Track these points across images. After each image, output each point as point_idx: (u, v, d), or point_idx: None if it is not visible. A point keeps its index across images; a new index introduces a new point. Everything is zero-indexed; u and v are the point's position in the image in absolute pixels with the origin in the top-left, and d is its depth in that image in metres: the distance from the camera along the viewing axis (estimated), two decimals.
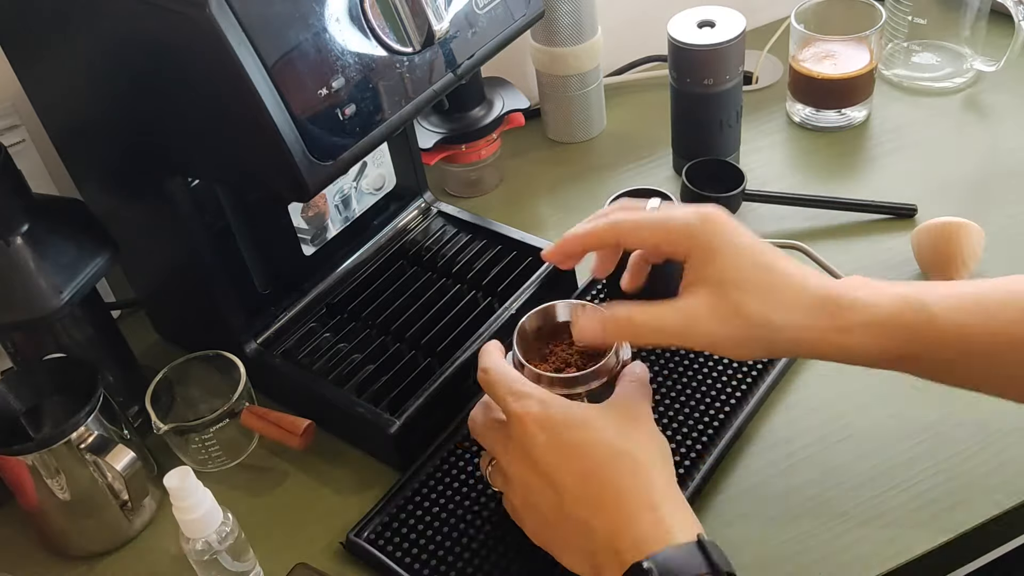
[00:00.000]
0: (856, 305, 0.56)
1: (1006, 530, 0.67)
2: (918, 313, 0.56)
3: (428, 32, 0.64)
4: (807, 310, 0.56)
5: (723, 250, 0.57)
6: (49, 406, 0.71)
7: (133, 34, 0.60)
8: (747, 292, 0.56)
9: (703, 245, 0.58)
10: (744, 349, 0.58)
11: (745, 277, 0.57)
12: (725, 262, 0.57)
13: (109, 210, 0.77)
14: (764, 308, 0.56)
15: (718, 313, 0.56)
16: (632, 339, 0.60)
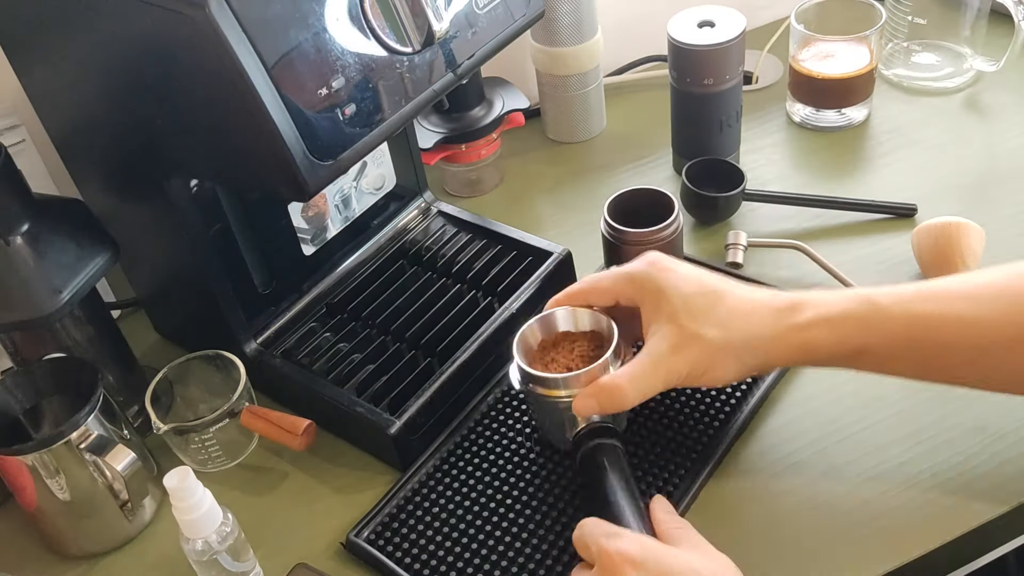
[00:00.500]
0: (808, 303, 0.61)
1: (1006, 530, 0.67)
2: (867, 305, 0.60)
3: (428, 32, 0.64)
4: (763, 319, 0.61)
5: (668, 288, 0.62)
6: (49, 406, 0.71)
7: (133, 34, 0.60)
8: (700, 319, 0.61)
9: (650, 289, 0.63)
10: (719, 373, 0.62)
11: (694, 305, 0.61)
12: (673, 298, 0.62)
13: (109, 210, 0.77)
14: (721, 329, 0.61)
15: (682, 348, 0.61)
16: (626, 406, 0.62)
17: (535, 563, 0.65)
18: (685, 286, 0.62)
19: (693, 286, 0.62)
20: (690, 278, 0.63)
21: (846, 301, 0.61)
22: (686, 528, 0.59)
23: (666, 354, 0.61)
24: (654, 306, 0.63)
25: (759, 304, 0.62)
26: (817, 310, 0.61)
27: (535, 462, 0.71)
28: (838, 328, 0.60)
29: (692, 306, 0.61)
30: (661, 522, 0.59)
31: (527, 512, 0.68)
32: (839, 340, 0.60)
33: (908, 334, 0.59)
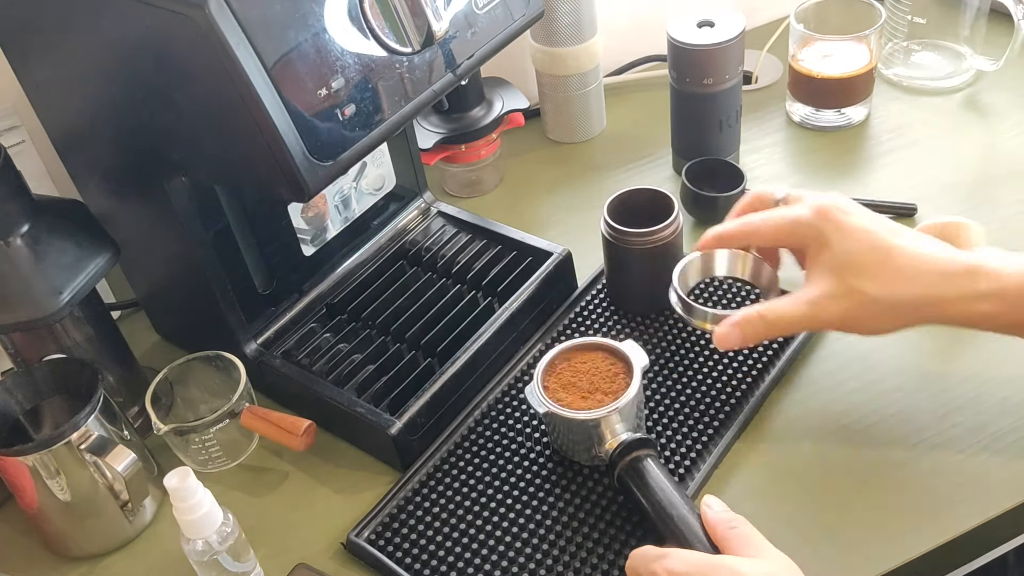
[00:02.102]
0: (984, 272, 0.59)
1: (1006, 530, 0.67)
2: None
3: (428, 32, 0.64)
4: (932, 281, 0.60)
5: (834, 239, 0.61)
6: (49, 406, 0.71)
7: (133, 35, 0.60)
8: (863, 275, 0.60)
9: (815, 237, 0.62)
10: (874, 325, 0.62)
11: (859, 262, 0.60)
12: (838, 249, 0.61)
13: (109, 210, 0.77)
14: (884, 287, 0.60)
15: (839, 297, 0.60)
16: (767, 335, 0.63)
17: (535, 563, 0.65)
18: (852, 242, 0.61)
19: (861, 242, 0.61)
20: (859, 232, 0.61)
21: (1021, 273, 0.58)
22: (742, 526, 0.57)
23: (823, 302, 0.61)
24: (816, 254, 0.62)
25: (931, 264, 0.60)
26: (993, 283, 0.58)
27: (535, 462, 0.71)
28: (1014, 305, 0.58)
29: (857, 262, 0.60)
30: (716, 524, 0.57)
31: (527, 512, 0.68)
32: (1013, 317, 0.59)
33: None
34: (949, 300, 0.59)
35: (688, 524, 0.59)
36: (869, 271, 0.60)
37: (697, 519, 0.59)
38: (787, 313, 0.62)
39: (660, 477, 0.62)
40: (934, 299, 0.60)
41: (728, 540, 0.56)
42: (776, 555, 0.55)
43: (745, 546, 0.55)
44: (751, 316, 0.63)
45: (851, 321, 0.61)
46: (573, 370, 0.70)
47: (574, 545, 0.66)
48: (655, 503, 0.61)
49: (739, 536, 0.56)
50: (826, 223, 0.62)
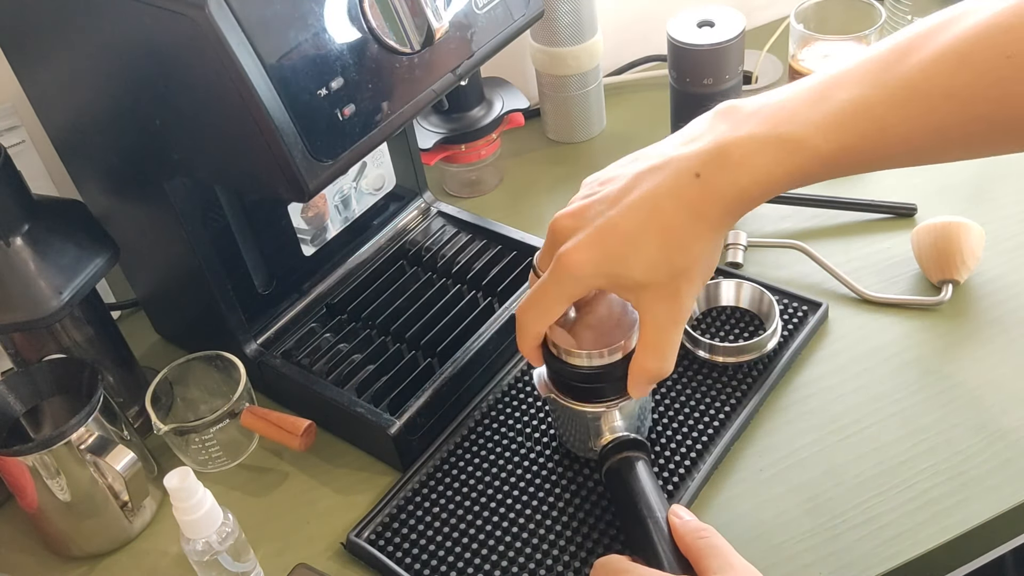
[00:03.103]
0: (737, 184, 0.55)
1: (1006, 530, 0.67)
2: (799, 155, 0.54)
3: (427, 32, 0.64)
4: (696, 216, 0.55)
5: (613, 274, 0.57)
6: (49, 407, 0.71)
7: (132, 34, 0.60)
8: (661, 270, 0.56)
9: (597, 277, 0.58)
10: (700, 277, 0.58)
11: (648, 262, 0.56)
12: (628, 274, 0.56)
13: (109, 210, 0.77)
14: (667, 263, 0.56)
15: (671, 297, 0.57)
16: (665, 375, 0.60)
17: (535, 563, 0.65)
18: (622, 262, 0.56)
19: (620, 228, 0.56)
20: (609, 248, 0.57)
21: (774, 156, 0.54)
22: (711, 536, 0.56)
23: (662, 312, 0.57)
24: (616, 288, 0.59)
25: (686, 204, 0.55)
26: (747, 186, 0.54)
27: (535, 462, 0.71)
28: (773, 186, 0.54)
29: (646, 263, 0.56)
30: (684, 534, 0.57)
31: (527, 512, 0.68)
32: (775, 190, 0.55)
33: (844, 160, 0.54)
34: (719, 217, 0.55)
35: (660, 532, 0.58)
36: (643, 257, 0.56)
37: None
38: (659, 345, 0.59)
39: (645, 481, 0.62)
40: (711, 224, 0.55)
41: (696, 550, 0.56)
42: (743, 566, 0.54)
43: (713, 556, 0.55)
44: (637, 372, 0.60)
45: (694, 288, 0.57)
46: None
47: (574, 545, 0.66)
48: (631, 505, 0.61)
49: (707, 546, 0.56)
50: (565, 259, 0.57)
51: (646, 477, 0.62)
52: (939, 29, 0.52)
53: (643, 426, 0.70)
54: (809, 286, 0.82)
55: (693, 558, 0.56)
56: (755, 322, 0.79)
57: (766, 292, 0.79)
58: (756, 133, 0.55)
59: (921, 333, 0.77)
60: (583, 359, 0.63)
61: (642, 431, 0.70)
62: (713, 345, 0.75)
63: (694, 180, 0.55)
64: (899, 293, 0.81)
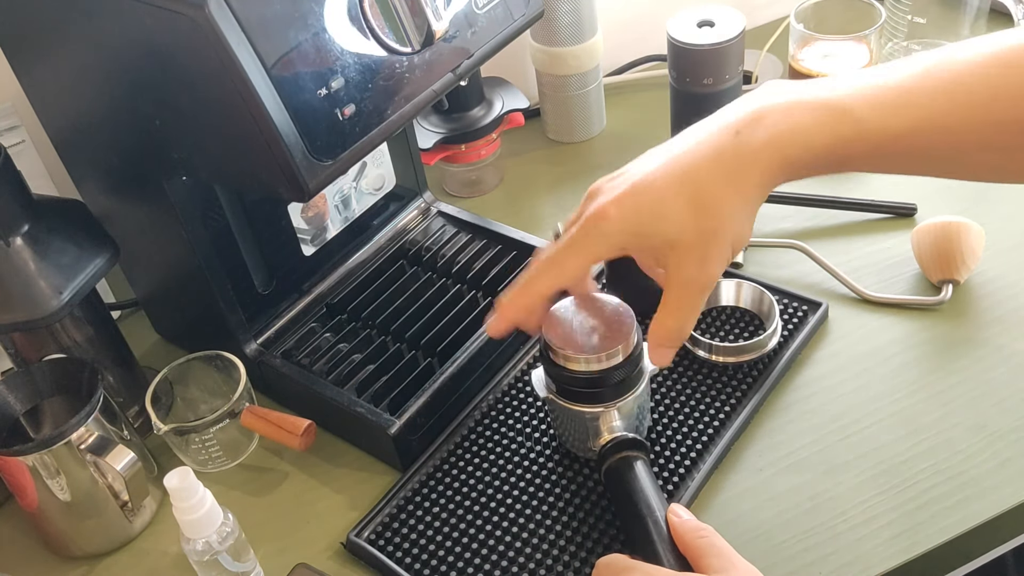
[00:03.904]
0: (777, 137, 0.54)
1: (1006, 530, 0.67)
2: (844, 123, 0.54)
3: (427, 32, 0.64)
4: (731, 172, 0.55)
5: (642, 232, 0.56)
6: (49, 406, 0.71)
7: (132, 34, 0.60)
8: (680, 223, 0.55)
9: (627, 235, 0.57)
10: (729, 243, 0.56)
11: (667, 214, 0.55)
12: (657, 233, 0.56)
13: (109, 210, 0.77)
14: (706, 221, 0.55)
15: (694, 260, 0.56)
16: (686, 336, 0.59)
17: (535, 563, 0.65)
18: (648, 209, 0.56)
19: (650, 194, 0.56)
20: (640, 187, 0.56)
21: (817, 120, 0.54)
22: (710, 535, 0.56)
23: (691, 274, 0.56)
24: (643, 250, 0.58)
25: (722, 162, 0.55)
26: (786, 144, 0.54)
27: (535, 462, 0.71)
28: (811, 153, 0.54)
29: (677, 231, 0.55)
30: (683, 533, 0.57)
31: (527, 512, 0.68)
32: (813, 163, 0.54)
33: (891, 146, 0.54)
34: (759, 184, 0.54)
35: (659, 531, 0.58)
36: (678, 217, 0.55)
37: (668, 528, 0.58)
38: (681, 307, 0.57)
39: (645, 480, 0.62)
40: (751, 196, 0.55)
41: (695, 549, 0.56)
42: (744, 566, 0.54)
43: (712, 555, 0.55)
44: (659, 334, 0.58)
45: (723, 254, 0.56)
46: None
47: (574, 545, 0.66)
48: (631, 504, 0.61)
49: (707, 545, 0.55)
50: (597, 212, 0.56)
51: (645, 477, 0.62)
52: (987, 41, 0.54)
53: (642, 426, 0.70)
54: (809, 286, 0.82)
55: (692, 557, 0.56)
56: (755, 322, 0.79)
57: (766, 292, 0.79)
58: (801, 98, 0.54)
59: (921, 333, 0.77)
60: (581, 364, 0.63)
61: (641, 431, 0.70)
62: (713, 345, 0.75)
63: (733, 138, 0.54)
64: (899, 293, 0.81)
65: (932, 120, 0.53)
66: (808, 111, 0.54)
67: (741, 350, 0.75)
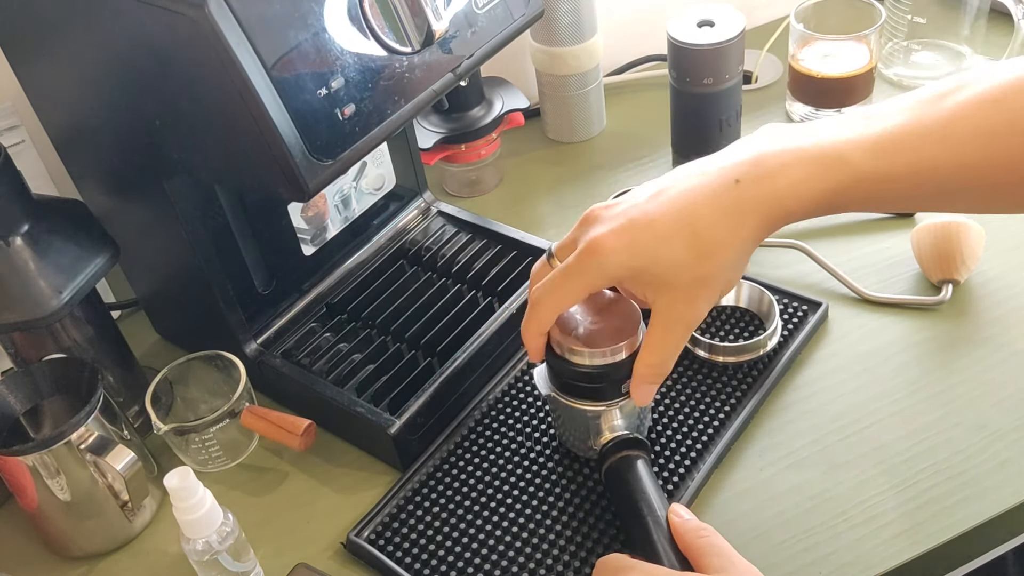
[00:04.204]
0: (775, 191, 0.55)
1: (1006, 530, 0.67)
2: (840, 171, 0.55)
3: (427, 32, 0.64)
4: (732, 224, 0.56)
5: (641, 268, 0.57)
6: (49, 406, 0.71)
7: (132, 34, 0.60)
8: (680, 255, 0.56)
9: (621, 268, 0.57)
10: (722, 291, 0.58)
11: (667, 256, 0.56)
12: (652, 272, 0.56)
13: (109, 210, 0.77)
14: (703, 267, 0.56)
15: (683, 302, 0.57)
16: (665, 376, 0.61)
17: (535, 563, 0.65)
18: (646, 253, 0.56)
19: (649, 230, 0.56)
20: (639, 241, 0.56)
21: (815, 170, 0.55)
22: (711, 535, 0.56)
23: (679, 313, 0.57)
24: (636, 284, 0.59)
25: (722, 209, 0.56)
26: (784, 196, 0.55)
27: (535, 462, 0.71)
28: (808, 202, 0.55)
29: (673, 262, 0.56)
30: (684, 533, 0.57)
31: (527, 512, 0.68)
32: (810, 210, 0.56)
33: (884, 188, 0.56)
34: (757, 227, 0.56)
35: (660, 531, 0.58)
36: (678, 264, 0.56)
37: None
38: (667, 352, 0.59)
39: (645, 479, 0.62)
40: (743, 236, 0.56)
41: (696, 549, 0.56)
42: (744, 566, 0.54)
43: (713, 555, 0.55)
44: (643, 373, 0.60)
45: (712, 297, 0.58)
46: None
47: (574, 545, 0.66)
48: (632, 504, 0.61)
49: (707, 545, 0.56)
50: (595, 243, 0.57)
51: (646, 476, 0.62)
52: (976, 80, 0.55)
53: (643, 425, 0.70)
54: (809, 286, 0.82)
55: (693, 557, 0.56)
56: (755, 322, 0.79)
57: (766, 292, 0.79)
58: (797, 146, 0.56)
59: (921, 333, 0.77)
60: (585, 358, 0.63)
61: (642, 430, 0.70)
62: (713, 345, 0.75)
63: (733, 186, 0.56)
64: (899, 293, 0.81)
65: (923, 163, 0.54)
66: (806, 161, 0.55)
67: (741, 350, 0.75)
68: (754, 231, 0.56)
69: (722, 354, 0.75)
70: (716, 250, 0.56)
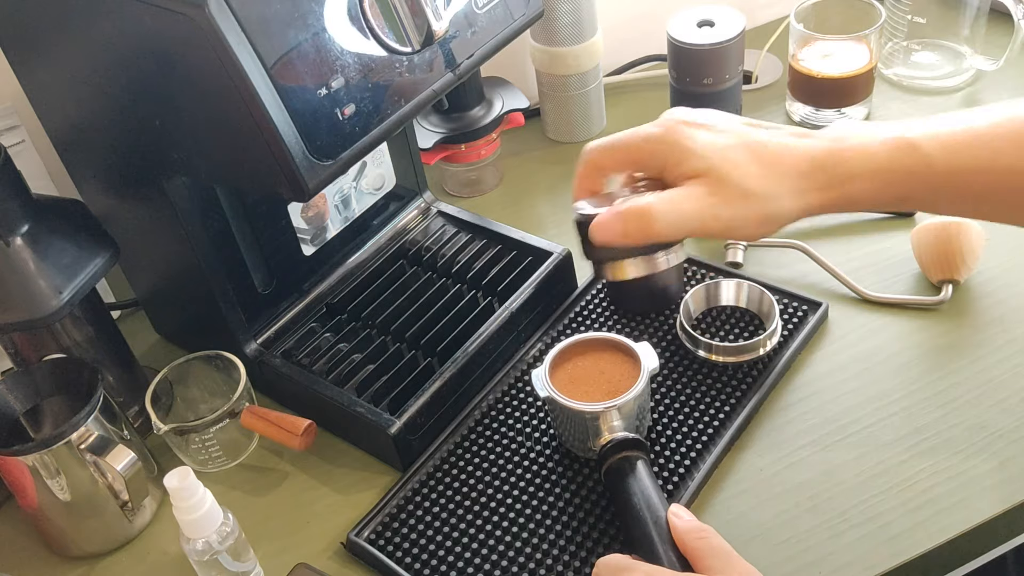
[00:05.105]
0: (850, 158, 0.57)
1: (1005, 529, 0.67)
2: (910, 154, 0.57)
3: (427, 32, 0.64)
4: (804, 173, 0.57)
5: (699, 143, 0.57)
6: (49, 406, 0.71)
7: (132, 34, 0.60)
8: (742, 170, 0.56)
9: (676, 146, 0.57)
10: (755, 227, 0.58)
11: (734, 157, 0.57)
12: (707, 152, 0.57)
13: (109, 210, 0.77)
14: (764, 181, 0.56)
15: (724, 196, 0.56)
16: (653, 237, 0.56)
17: (535, 563, 0.65)
18: (721, 139, 0.57)
19: (721, 140, 0.57)
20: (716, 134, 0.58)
21: (887, 150, 0.57)
22: (711, 536, 0.56)
23: (704, 195, 0.56)
24: (684, 161, 0.57)
25: (801, 156, 0.57)
26: (859, 164, 0.57)
27: (535, 462, 0.71)
28: (878, 180, 0.57)
29: (734, 160, 0.56)
30: (684, 534, 0.57)
31: (527, 512, 0.68)
32: (878, 192, 0.58)
33: (953, 183, 0.57)
34: (819, 187, 0.57)
35: (660, 531, 0.58)
36: (746, 166, 0.56)
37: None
38: (671, 201, 0.56)
39: (645, 480, 0.62)
40: (809, 188, 0.57)
41: (696, 550, 0.56)
42: (743, 567, 0.54)
43: (713, 556, 0.55)
44: (635, 208, 0.56)
45: (735, 223, 0.57)
46: (584, 367, 0.70)
47: (574, 545, 0.66)
48: (632, 505, 0.61)
49: (707, 546, 0.56)
50: (682, 134, 0.58)
51: (645, 476, 0.62)
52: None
53: (642, 426, 0.70)
54: (809, 286, 0.82)
55: (693, 558, 0.56)
56: (755, 322, 0.80)
57: (766, 292, 0.79)
58: (874, 130, 0.58)
59: (921, 333, 0.77)
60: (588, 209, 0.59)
61: (641, 431, 0.70)
62: (713, 345, 0.76)
63: (809, 148, 0.57)
64: (899, 293, 0.81)
65: (996, 162, 0.56)
66: (878, 140, 0.57)
67: (741, 350, 0.75)
68: (818, 195, 0.57)
69: (722, 354, 0.75)
70: (779, 192, 0.56)
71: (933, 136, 0.57)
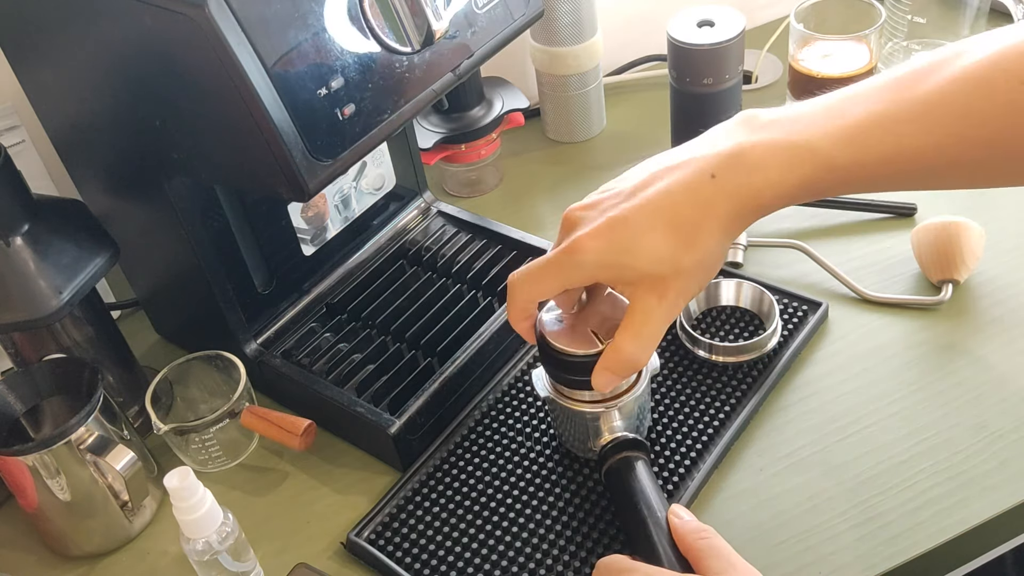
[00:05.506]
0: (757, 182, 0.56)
1: (1006, 530, 0.67)
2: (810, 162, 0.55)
3: (427, 32, 0.64)
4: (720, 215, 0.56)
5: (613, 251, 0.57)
6: (49, 406, 0.71)
7: (132, 34, 0.60)
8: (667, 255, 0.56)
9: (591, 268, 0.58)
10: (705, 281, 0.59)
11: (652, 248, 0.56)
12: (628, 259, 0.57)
13: (109, 210, 0.77)
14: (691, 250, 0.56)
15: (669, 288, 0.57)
16: (641, 364, 0.59)
17: (535, 563, 0.65)
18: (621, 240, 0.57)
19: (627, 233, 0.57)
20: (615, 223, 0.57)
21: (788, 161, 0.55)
22: (712, 537, 0.56)
23: (656, 304, 0.57)
24: (617, 281, 0.59)
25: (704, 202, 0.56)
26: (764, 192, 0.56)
27: (535, 462, 0.71)
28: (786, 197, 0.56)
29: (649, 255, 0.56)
30: (684, 535, 0.57)
31: (527, 512, 0.68)
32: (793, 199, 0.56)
33: (864, 175, 0.55)
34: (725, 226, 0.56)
35: (660, 532, 0.58)
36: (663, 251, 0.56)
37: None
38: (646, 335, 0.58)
39: (645, 481, 0.62)
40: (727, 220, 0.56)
41: (696, 551, 0.56)
42: (744, 567, 0.54)
43: (713, 557, 0.55)
44: (620, 358, 0.59)
45: (693, 292, 0.58)
46: None
47: (574, 545, 0.66)
48: (632, 505, 0.61)
49: (708, 547, 0.55)
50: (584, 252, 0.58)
51: (646, 477, 0.62)
52: (956, 56, 0.54)
53: (642, 426, 0.70)
54: (809, 286, 0.82)
55: (693, 559, 0.56)
56: (755, 322, 0.80)
57: (766, 292, 0.79)
58: (771, 139, 0.56)
59: (921, 333, 0.77)
60: (564, 347, 0.62)
61: (641, 431, 0.70)
62: (713, 345, 0.76)
63: (709, 180, 0.56)
64: (899, 293, 0.81)
65: (900, 148, 0.54)
66: (780, 154, 0.55)
67: (741, 350, 0.75)
68: (731, 224, 0.57)
69: (722, 354, 0.75)
70: (696, 241, 0.56)
71: (829, 134, 0.55)
